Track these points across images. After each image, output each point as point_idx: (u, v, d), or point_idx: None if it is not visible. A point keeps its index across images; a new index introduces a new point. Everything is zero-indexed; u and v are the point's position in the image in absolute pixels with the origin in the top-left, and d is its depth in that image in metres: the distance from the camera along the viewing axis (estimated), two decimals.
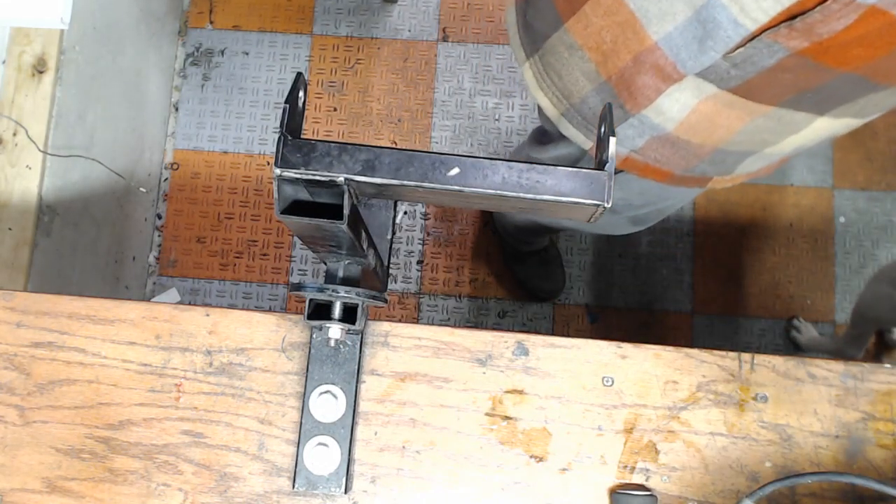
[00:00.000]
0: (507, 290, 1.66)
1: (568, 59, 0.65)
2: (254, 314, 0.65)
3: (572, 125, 0.70)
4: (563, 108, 0.69)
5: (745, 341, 1.63)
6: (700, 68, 0.56)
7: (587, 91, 0.65)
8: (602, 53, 0.62)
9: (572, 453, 0.62)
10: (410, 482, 0.61)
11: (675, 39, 0.56)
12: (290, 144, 0.41)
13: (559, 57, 0.66)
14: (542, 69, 0.69)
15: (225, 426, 0.62)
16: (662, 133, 0.64)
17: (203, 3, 1.80)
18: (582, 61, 0.64)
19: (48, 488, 0.62)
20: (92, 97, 1.34)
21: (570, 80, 0.66)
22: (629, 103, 0.63)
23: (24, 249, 1.15)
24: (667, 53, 0.57)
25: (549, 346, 0.63)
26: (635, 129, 0.65)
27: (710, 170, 0.70)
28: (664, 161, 0.68)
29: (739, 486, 0.61)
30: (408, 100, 1.74)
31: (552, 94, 0.69)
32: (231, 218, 1.71)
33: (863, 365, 0.63)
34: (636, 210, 0.91)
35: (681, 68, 0.57)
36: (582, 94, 0.66)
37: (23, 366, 0.64)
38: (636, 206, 0.89)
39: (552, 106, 0.70)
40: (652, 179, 0.72)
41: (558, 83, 0.68)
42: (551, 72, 0.68)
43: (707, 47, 0.54)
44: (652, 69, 0.59)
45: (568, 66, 0.65)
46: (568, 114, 0.69)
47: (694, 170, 0.69)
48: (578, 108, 0.68)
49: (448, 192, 0.42)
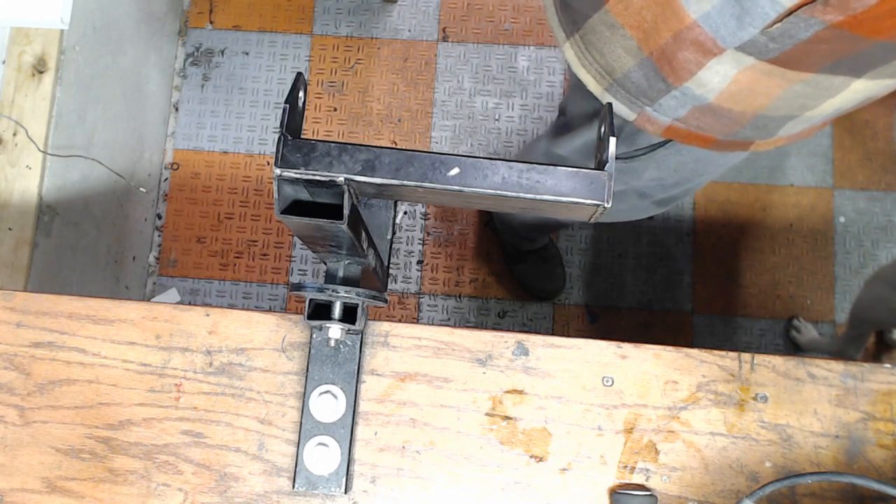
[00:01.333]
0: (507, 290, 1.66)
1: (609, 37, 0.67)
2: (254, 314, 0.65)
3: (616, 99, 0.72)
4: (606, 84, 0.71)
5: (745, 341, 1.63)
6: (739, 43, 0.58)
7: (630, 66, 0.67)
8: (643, 31, 0.63)
9: (572, 453, 0.62)
10: (410, 482, 0.62)
11: (713, 17, 0.57)
12: (290, 144, 0.41)
13: (600, 35, 0.68)
14: (583, 47, 0.71)
15: (225, 426, 0.62)
16: (704, 103, 0.66)
17: (203, 3, 1.80)
18: (623, 39, 0.66)
19: (48, 488, 0.62)
20: (92, 97, 1.34)
21: (613, 56, 0.68)
22: (671, 77, 0.65)
23: (24, 249, 1.15)
24: (706, 30, 0.59)
25: (549, 346, 0.63)
26: (677, 101, 0.67)
27: (751, 134, 0.72)
28: (707, 128, 0.70)
29: (739, 486, 0.61)
30: (408, 100, 1.74)
31: (595, 71, 0.71)
32: (231, 218, 1.71)
33: (863, 365, 0.63)
34: (667, 191, 0.94)
35: (721, 43, 0.59)
36: (624, 69, 0.68)
37: (23, 366, 0.64)
38: (668, 185, 0.91)
39: (595, 82, 0.72)
40: (695, 146, 0.74)
41: (600, 60, 0.70)
42: (593, 50, 0.70)
43: (745, 23, 0.56)
44: (692, 45, 0.60)
45: (610, 43, 0.67)
46: (611, 88, 0.71)
47: (736, 135, 0.72)
48: (622, 83, 0.70)
49: (448, 192, 0.42)
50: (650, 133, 0.73)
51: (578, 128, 0.92)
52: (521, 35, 1.75)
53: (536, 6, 1.76)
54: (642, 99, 0.70)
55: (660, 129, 0.72)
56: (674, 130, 0.72)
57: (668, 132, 0.72)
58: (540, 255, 1.62)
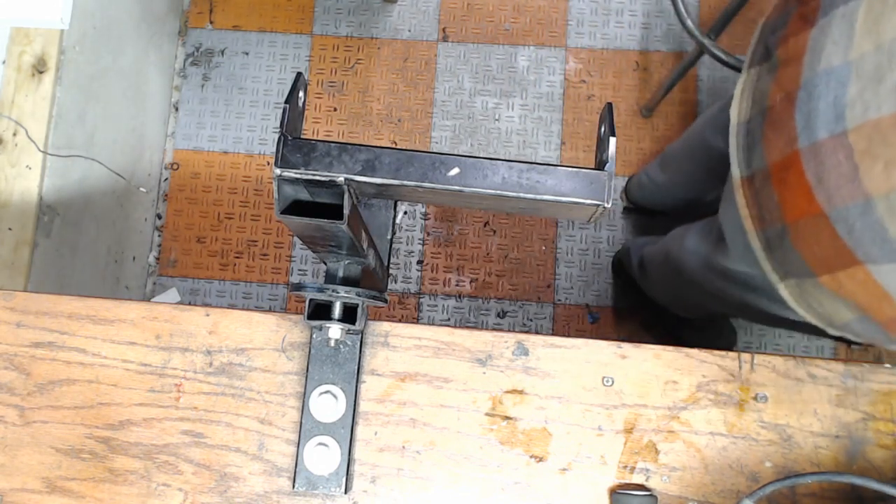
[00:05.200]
0: (507, 290, 1.66)
1: (827, 296, 0.65)
2: (254, 314, 0.65)
3: (836, 332, 0.71)
4: (825, 324, 0.70)
5: (745, 341, 1.63)
6: None
7: (849, 319, 0.66)
8: (861, 307, 0.62)
9: (572, 453, 0.62)
10: (410, 482, 0.61)
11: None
12: (290, 144, 0.41)
13: (817, 294, 0.66)
14: (799, 293, 0.68)
15: (225, 426, 0.62)
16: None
17: (203, 3, 1.80)
18: (843, 302, 0.64)
19: (48, 488, 0.62)
20: (92, 97, 1.34)
21: (832, 309, 0.66)
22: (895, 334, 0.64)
23: (24, 249, 1.15)
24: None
25: (549, 346, 0.63)
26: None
27: None
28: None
29: (739, 486, 0.60)
30: (408, 100, 1.74)
31: (812, 313, 0.69)
32: (231, 218, 1.71)
33: (863, 365, 0.63)
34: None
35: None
36: (844, 320, 0.67)
37: (23, 366, 0.64)
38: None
39: (813, 319, 0.70)
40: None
41: (819, 309, 0.68)
42: (810, 298, 0.68)
43: None
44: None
45: (829, 300, 0.65)
46: (831, 327, 0.70)
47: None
48: (839, 329, 0.69)
49: (448, 192, 0.42)
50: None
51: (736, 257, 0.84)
52: (521, 35, 1.75)
53: (536, 6, 1.76)
54: (862, 338, 0.69)
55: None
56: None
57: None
58: (702, 318, 1.52)
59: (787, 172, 0.62)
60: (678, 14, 1.25)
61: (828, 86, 0.58)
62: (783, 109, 0.63)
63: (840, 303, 0.64)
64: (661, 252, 1.21)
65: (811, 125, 0.59)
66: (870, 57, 0.55)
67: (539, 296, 1.66)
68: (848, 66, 0.56)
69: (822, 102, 0.58)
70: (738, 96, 0.71)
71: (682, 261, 1.02)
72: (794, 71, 0.62)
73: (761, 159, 0.66)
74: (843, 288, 0.62)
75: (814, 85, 0.59)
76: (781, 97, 0.63)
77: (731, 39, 1.69)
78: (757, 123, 0.67)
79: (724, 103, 1.02)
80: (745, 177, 0.69)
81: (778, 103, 0.64)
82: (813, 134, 0.59)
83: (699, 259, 0.96)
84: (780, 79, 0.64)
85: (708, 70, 1.71)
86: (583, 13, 1.75)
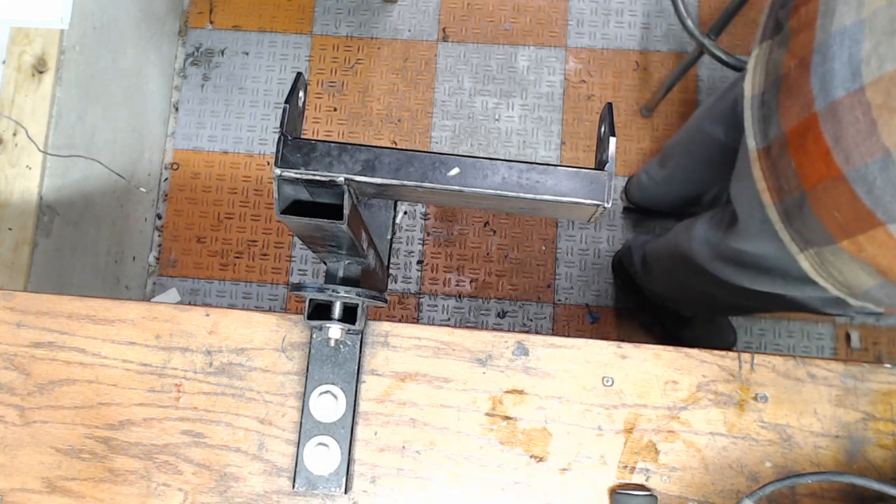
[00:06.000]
0: (507, 290, 1.66)
1: (847, 264, 0.65)
2: (254, 314, 0.65)
3: (857, 301, 0.71)
4: (846, 293, 0.70)
5: (745, 341, 1.63)
6: None
7: (870, 285, 0.66)
8: (881, 268, 0.63)
9: (572, 453, 0.62)
10: (410, 482, 0.61)
11: None
12: (290, 144, 0.41)
13: (836, 261, 0.66)
14: (819, 262, 0.69)
15: (225, 426, 0.62)
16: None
17: (203, 3, 1.80)
18: (863, 267, 0.64)
19: (48, 488, 0.62)
20: (92, 97, 1.34)
21: (852, 276, 0.67)
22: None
23: (24, 249, 1.15)
24: None
25: (549, 346, 0.63)
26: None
27: None
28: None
29: (739, 486, 0.60)
30: (408, 100, 1.74)
31: (832, 282, 0.70)
32: (231, 218, 1.71)
33: (863, 365, 0.63)
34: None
35: None
36: (864, 287, 0.67)
37: (23, 366, 0.64)
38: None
39: (834, 289, 0.71)
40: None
41: (838, 277, 0.68)
42: (830, 267, 0.68)
43: None
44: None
45: (848, 266, 0.66)
46: (852, 296, 0.70)
47: None
48: (860, 297, 0.69)
49: (448, 192, 0.42)
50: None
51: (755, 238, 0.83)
52: (521, 35, 1.75)
53: (536, 6, 1.76)
54: (884, 304, 0.69)
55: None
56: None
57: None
58: (702, 317, 1.53)
59: (804, 137, 0.62)
60: (678, 14, 1.25)
61: (842, 45, 0.58)
62: (798, 75, 0.63)
63: (861, 268, 0.64)
64: (666, 245, 1.22)
65: (827, 86, 0.59)
66: (882, 12, 0.55)
67: (539, 296, 1.66)
68: (861, 23, 0.57)
69: (837, 62, 0.58)
70: (750, 70, 0.72)
71: (691, 251, 1.02)
72: (806, 37, 0.63)
73: (778, 127, 0.66)
74: (863, 251, 0.62)
75: (828, 46, 0.59)
76: (795, 64, 0.64)
77: (731, 39, 1.69)
78: (772, 94, 0.67)
79: (722, 93, 1.02)
80: (762, 148, 0.69)
81: (792, 70, 0.64)
82: (829, 94, 0.59)
83: (709, 247, 0.97)
84: (793, 47, 0.65)
85: (708, 70, 1.71)
86: (583, 13, 1.75)
